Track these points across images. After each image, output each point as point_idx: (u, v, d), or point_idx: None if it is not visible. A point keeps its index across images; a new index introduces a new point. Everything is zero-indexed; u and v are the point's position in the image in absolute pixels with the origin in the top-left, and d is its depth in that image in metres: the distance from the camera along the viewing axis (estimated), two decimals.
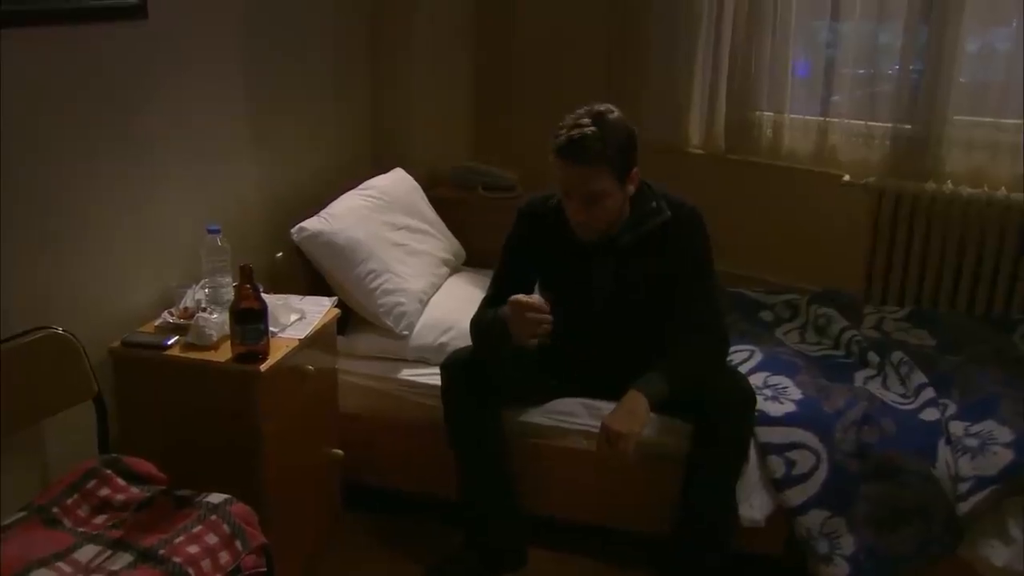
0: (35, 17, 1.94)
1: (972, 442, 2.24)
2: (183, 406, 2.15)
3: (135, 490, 1.88)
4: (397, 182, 3.13)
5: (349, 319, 2.72)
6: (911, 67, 3.22)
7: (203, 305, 2.28)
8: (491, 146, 3.87)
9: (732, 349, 2.55)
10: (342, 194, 2.89)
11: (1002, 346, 2.71)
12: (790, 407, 2.32)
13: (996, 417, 2.29)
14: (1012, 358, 2.63)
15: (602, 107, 2.19)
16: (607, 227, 2.28)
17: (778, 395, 2.36)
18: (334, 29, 3.16)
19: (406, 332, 2.68)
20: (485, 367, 2.35)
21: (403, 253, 2.85)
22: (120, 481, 1.90)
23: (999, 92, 3.12)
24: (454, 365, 2.38)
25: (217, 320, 2.18)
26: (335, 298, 2.55)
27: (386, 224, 2.87)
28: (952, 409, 2.38)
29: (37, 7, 1.94)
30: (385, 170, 3.17)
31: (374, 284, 2.67)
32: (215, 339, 2.16)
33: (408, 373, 2.64)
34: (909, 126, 3.24)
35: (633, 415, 2.16)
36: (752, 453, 2.29)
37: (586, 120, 2.15)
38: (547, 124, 2.28)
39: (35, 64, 1.94)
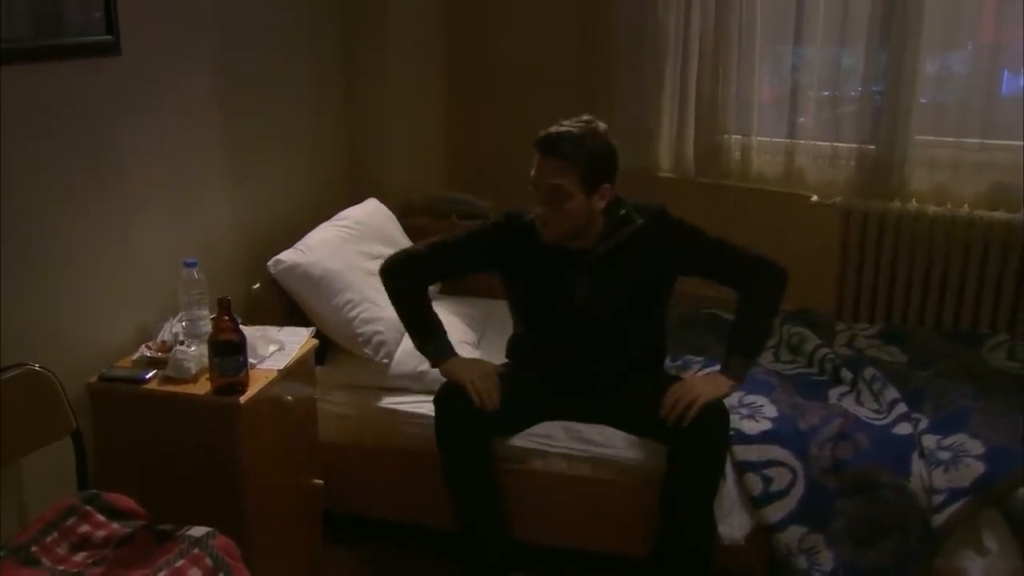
0: (8, 56, 1.94)
1: (945, 455, 2.28)
2: (163, 440, 2.14)
3: (115, 526, 1.87)
4: (371, 212, 3.15)
5: (327, 349, 2.72)
6: (873, 89, 3.30)
7: (180, 338, 2.27)
8: (463, 175, 3.90)
9: (707, 371, 2.58)
10: (317, 226, 2.91)
11: (970, 361, 2.76)
12: (766, 425, 2.35)
13: (967, 430, 2.33)
14: (980, 372, 2.68)
15: (595, 120, 2.30)
16: (567, 235, 2.31)
17: (753, 413, 2.39)
18: (308, 63, 3.19)
19: (385, 360, 2.69)
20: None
21: (380, 282, 2.85)
22: (100, 517, 1.88)
23: (958, 112, 3.21)
24: (447, 398, 2.38)
25: (195, 353, 2.18)
26: (313, 328, 2.55)
27: (362, 254, 2.88)
28: (924, 423, 2.42)
29: (10, 46, 1.95)
30: (359, 201, 3.19)
31: (352, 314, 2.68)
32: (194, 372, 2.16)
33: (388, 401, 2.65)
34: (873, 147, 3.31)
35: (715, 384, 2.32)
36: (729, 471, 2.31)
37: (572, 125, 2.25)
38: (518, 151, 2.32)
39: (10, 102, 1.95)
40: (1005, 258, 3.14)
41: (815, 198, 3.40)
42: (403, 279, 2.51)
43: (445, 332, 2.49)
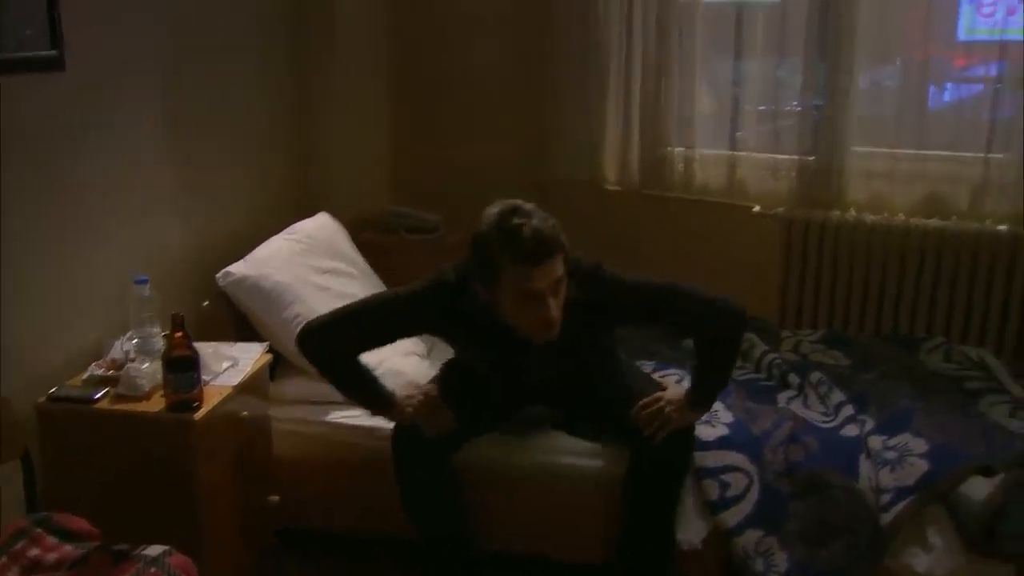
0: None
1: (891, 455, 2.35)
2: (116, 459, 2.10)
3: (68, 548, 1.82)
4: (322, 226, 3.13)
5: (278, 364, 2.70)
6: (811, 102, 3.40)
7: (132, 356, 2.24)
8: (412, 189, 3.90)
9: (662, 374, 2.61)
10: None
11: (910, 363, 2.85)
12: (723, 430, 2.39)
13: (911, 430, 2.41)
14: (920, 375, 2.77)
15: (515, 202, 2.07)
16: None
17: (710, 418, 2.43)
18: (257, 78, 3.16)
19: None
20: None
21: (330, 296, 2.84)
22: (51, 539, 1.83)
23: (892, 124, 3.33)
24: (400, 427, 2.35)
25: (148, 370, 2.15)
26: (266, 343, 2.53)
27: (312, 268, 2.87)
28: (870, 424, 2.49)
29: None
30: (310, 215, 3.17)
31: None
32: (147, 389, 2.13)
33: (338, 415, 2.63)
34: (812, 158, 3.40)
35: (687, 416, 2.28)
36: (687, 478, 2.34)
37: (521, 219, 2.02)
38: (466, 165, 2.31)
39: None
40: (939, 264, 3.25)
41: (757, 208, 3.48)
42: (323, 352, 2.29)
43: (376, 380, 2.34)
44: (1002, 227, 3.19)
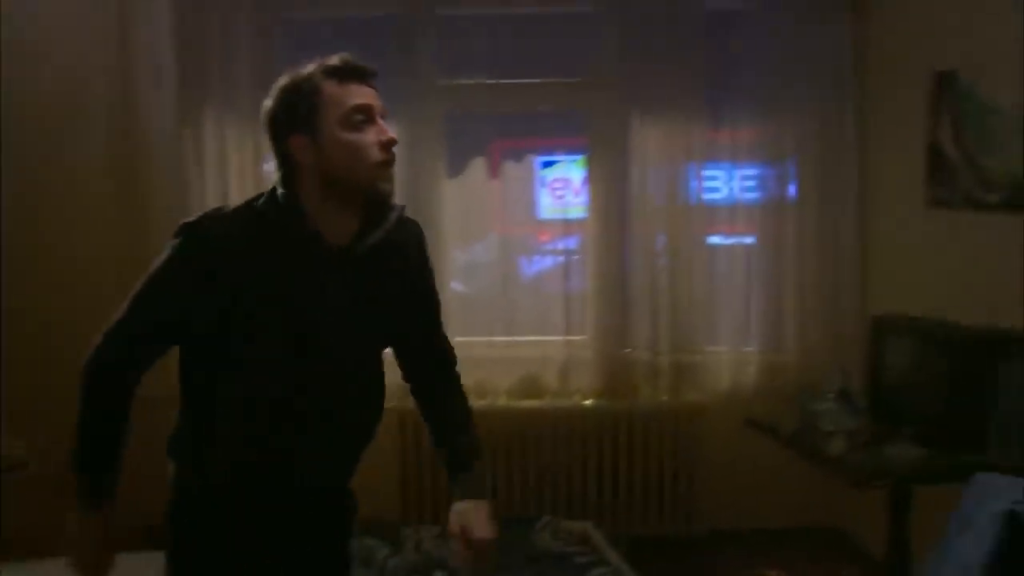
0: None
1: None
2: None
3: None
4: None
5: None
6: None
7: None
8: None
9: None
10: None
11: (525, 546, 2.99)
12: None
13: None
14: (535, 555, 2.93)
15: None
16: None
17: None
18: None
19: None
20: None
21: None
22: None
23: (486, 309, 3.62)
24: None
25: None
26: None
27: None
28: None
29: None
30: None
31: None
32: None
33: None
34: None
35: (488, 515, 1.81)
36: None
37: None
38: (64, 389, 1.98)
39: None
40: (539, 442, 3.51)
41: None
42: (106, 390, 1.72)
43: (113, 472, 1.73)
44: (587, 402, 3.54)
